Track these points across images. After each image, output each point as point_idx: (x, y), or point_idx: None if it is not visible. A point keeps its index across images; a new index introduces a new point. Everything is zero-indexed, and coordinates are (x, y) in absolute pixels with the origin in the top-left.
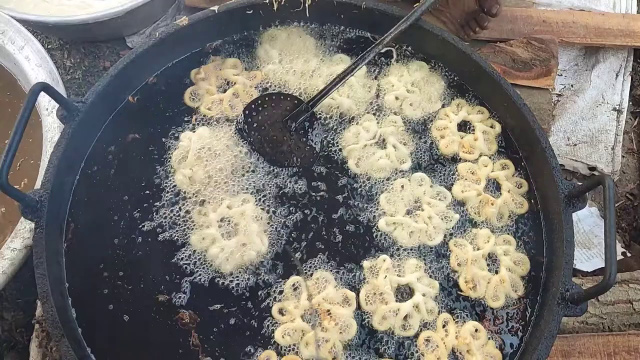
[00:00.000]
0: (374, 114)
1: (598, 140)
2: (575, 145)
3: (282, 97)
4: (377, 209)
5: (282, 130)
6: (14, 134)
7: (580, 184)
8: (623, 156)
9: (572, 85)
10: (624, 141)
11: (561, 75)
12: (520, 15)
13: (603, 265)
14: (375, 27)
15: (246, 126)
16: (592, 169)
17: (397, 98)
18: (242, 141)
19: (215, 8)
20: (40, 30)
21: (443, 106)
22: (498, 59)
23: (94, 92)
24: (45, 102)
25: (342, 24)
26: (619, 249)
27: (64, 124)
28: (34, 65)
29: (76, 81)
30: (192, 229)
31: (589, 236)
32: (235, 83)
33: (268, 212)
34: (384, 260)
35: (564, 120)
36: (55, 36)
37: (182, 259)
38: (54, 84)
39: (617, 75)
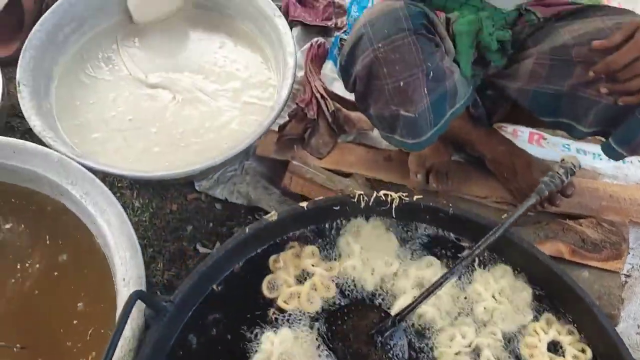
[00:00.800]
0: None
1: None
2: None
3: (368, 308)
4: None
5: (366, 343)
6: (110, 346)
7: None
8: None
9: None
10: None
11: (629, 253)
12: (587, 187)
13: None
14: (461, 231)
15: (329, 334)
16: None
17: (485, 309)
18: (325, 350)
19: (305, 205)
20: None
21: (533, 319)
22: (567, 238)
23: (181, 291)
24: (122, 272)
25: (427, 224)
26: None
27: (151, 324)
28: (115, 230)
29: (143, 224)
30: None
31: None
32: (313, 274)
33: None
34: None
35: (633, 304)
36: None
37: None
38: (133, 252)
39: None
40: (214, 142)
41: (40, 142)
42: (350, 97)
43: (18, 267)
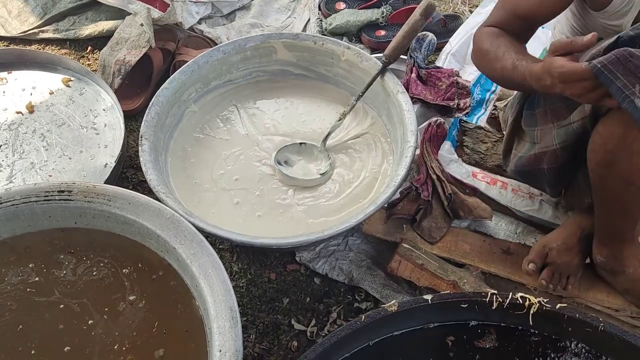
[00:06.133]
0: None
1: None
2: None
3: None
4: None
5: None
6: None
7: None
8: None
9: None
10: None
11: None
12: None
13: None
14: (609, 350)
15: None
16: None
17: None
18: None
19: (429, 298)
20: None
21: None
22: None
23: None
24: (219, 342)
25: (568, 338)
26: None
27: None
28: (217, 297)
29: (239, 290)
30: None
31: None
32: None
33: None
34: None
35: None
36: None
37: None
38: (233, 323)
39: None
40: None
41: (152, 196)
42: (468, 181)
43: (115, 348)
